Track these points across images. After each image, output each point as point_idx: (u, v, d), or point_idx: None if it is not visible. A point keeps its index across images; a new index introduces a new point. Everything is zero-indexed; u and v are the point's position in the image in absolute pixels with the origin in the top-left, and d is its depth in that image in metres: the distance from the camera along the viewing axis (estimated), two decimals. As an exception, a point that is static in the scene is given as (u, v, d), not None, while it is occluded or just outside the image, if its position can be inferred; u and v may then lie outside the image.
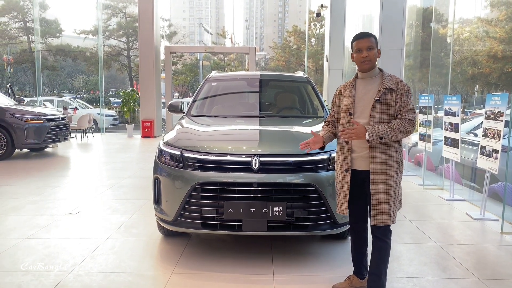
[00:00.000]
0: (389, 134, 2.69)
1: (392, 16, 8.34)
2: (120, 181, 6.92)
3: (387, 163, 2.76)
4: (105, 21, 32.49)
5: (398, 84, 2.80)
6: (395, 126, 2.70)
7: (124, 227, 4.52)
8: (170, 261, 3.62)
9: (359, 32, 2.93)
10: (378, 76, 2.87)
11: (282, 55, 34.07)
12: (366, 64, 2.82)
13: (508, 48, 27.44)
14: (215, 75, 5.33)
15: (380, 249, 2.84)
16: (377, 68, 2.89)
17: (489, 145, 4.98)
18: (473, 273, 3.46)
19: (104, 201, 5.61)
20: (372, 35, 2.87)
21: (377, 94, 2.78)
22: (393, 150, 2.79)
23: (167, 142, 3.73)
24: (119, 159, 9.47)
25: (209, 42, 43.31)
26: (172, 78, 16.01)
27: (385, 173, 2.76)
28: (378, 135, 2.67)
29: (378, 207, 2.76)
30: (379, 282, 2.84)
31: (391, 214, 2.77)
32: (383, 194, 2.76)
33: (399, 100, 2.77)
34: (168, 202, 3.49)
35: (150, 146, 12.03)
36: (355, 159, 2.87)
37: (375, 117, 2.77)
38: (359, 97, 2.88)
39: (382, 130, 2.68)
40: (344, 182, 2.90)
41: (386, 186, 2.76)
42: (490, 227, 4.73)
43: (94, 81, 42.13)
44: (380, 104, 2.78)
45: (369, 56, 2.80)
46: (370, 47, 2.80)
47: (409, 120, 2.73)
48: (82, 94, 42.39)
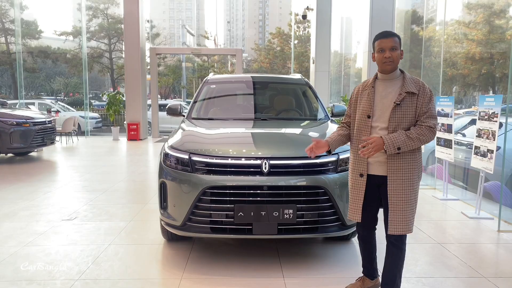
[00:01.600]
0: (407, 144, 2.60)
1: (381, 19, 8.45)
2: (113, 185, 6.81)
3: (406, 170, 2.68)
4: (86, 23, 31.98)
5: (420, 88, 2.68)
6: (414, 135, 2.60)
7: (125, 233, 4.45)
8: (177, 266, 3.58)
9: (383, 30, 2.80)
10: (399, 78, 2.75)
11: (266, 57, 34.16)
12: (388, 65, 2.70)
13: (485, 49, 28.16)
14: (213, 78, 5.30)
15: (394, 255, 2.81)
16: (398, 70, 2.77)
17: (484, 146, 5.09)
18: (478, 271, 3.52)
19: (99, 206, 5.51)
20: (396, 35, 2.72)
21: (398, 98, 2.66)
22: (413, 157, 2.69)
23: (173, 146, 3.68)
24: (108, 162, 9.32)
25: (192, 43, 43.15)
26: (157, 80, 15.85)
27: (403, 180, 2.67)
28: (396, 146, 2.58)
29: (395, 216, 2.69)
30: (393, 285, 2.83)
31: (409, 223, 2.69)
32: (401, 202, 2.68)
33: (420, 105, 2.65)
34: (176, 207, 3.44)
35: (137, 149, 11.88)
36: (371, 164, 2.78)
37: (394, 122, 2.67)
38: (378, 100, 2.76)
39: (399, 140, 2.59)
40: (359, 187, 2.81)
41: (404, 194, 2.68)
42: (487, 226, 4.83)
43: (74, 83, 41.42)
44: (400, 108, 2.66)
45: (392, 57, 2.67)
46: (394, 47, 2.67)
47: (429, 127, 2.63)
48: (61, 96, 41.58)
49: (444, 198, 6.10)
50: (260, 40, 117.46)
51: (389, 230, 2.73)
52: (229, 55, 42.94)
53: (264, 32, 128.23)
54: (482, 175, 5.19)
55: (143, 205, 5.54)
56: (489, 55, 27.89)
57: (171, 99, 35.66)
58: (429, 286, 3.24)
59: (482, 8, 27.83)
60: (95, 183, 7.01)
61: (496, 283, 3.30)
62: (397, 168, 2.68)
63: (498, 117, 4.87)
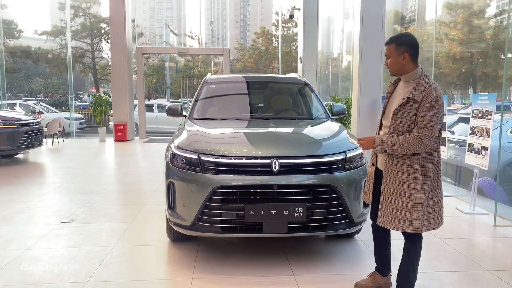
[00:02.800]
0: (393, 148, 2.69)
1: (371, 18, 8.55)
2: (107, 186, 6.74)
3: (400, 171, 2.73)
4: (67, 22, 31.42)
5: (423, 96, 2.65)
6: (400, 141, 2.66)
7: (128, 234, 4.41)
8: (186, 266, 3.58)
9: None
10: (414, 82, 2.76)
11: (251, 57, 34.18)
12: (389, 72, 2.86)
13: (466, 49, 28.80)
14: (212, 78, 5.30)
15: (407, 249, 2.91)
16: (416, 73, 2.76)
17: (478, 143, 5.23)
18: (481, 265, 3.62)
19: (97, 208, 5.45)
20: (391, 42, 2.78)
21: (400, 102, 2.74)
22: (413, 161, 2.70)
23: (180, 146, 3.67)
24: (99, 164, 9.21)
25: (175, 43, 42.85)
26: (144, 80, 15.71)
27: (395, 181, 2.76)
28: (382, 148, 2.75)
29: (383, 209, 2.83)
30: (407, 279, 2.91)
31: (400, 221, 2.75)
32: (390, 199, 2.79)
33: (420, 113, 2.66)
34: (185, 207, 3.44)
35: (126, 150, 11.76)
36: (379, 157, 2.97)
37: (394, 125, 2.77)
38: (392, 99, 2.90)
39: (386, 143, 2.72)
40: (370, 174, 3.04)
41: (395, 192, 2.76)
42: (483, 221, 4.96)
43: (54, 84, 40.63)
44: (401, 113, 2.73)
45: (388, 65, 2.82)
46: (387, 55, 2.82)
47: (417, 137, 2.62)
48: (41, 97, 40.74)
49: (437, 195, 6.21)
50: (242, 39, 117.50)
51: (377, 220, 2.89)
52: (212, 55, 42.98)
53: (246, 32, 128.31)
54: (476, 171, 5.32)
55: (142, 206, 5.50)
56: (469, 54, 28.53)
57: (153, 99, 35.35)
58: (437, 281, 3.32)
59: (462, 8, 28.43)
60: (89, 184, 6.92)
61: (499, 276, 3.41)
62: (391, 167, 2.80)
63: (492, 115, 5.01)
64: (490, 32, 28.67)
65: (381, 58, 8.95)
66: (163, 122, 19.75)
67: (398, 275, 2.96)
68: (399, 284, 2.95)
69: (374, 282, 3.16)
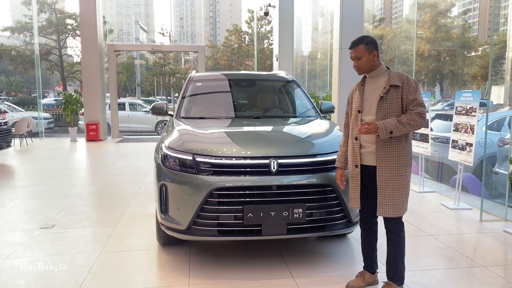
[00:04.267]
0: (399, 128, 2.80)
1: (351, 16, 8.59)
2: (85, 189, 6.46)
3: (393, 158, 2.87)
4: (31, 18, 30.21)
5: (404, 81, 2.88)
6: (405, 120, 2.80)
7: (114, 239, 4.22)
8: (180, 272, 3.43)
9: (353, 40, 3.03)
10: (385, 74, 2.96)
11: (224, 54, 33.88)
12: (358, 71, 3.01)
13: (433, 47, 29.60)
14: (198, 75, 5.14)
15: (394, 242, 2.98)
16: (383, 67, 2.99)
17: (462, 139, 5.30)
18: (476, 261, 3.65)
19: (77, 212, 5.20)
20: (361, 42, 2.95)
21: (382, 91, 2.90)
22: (399, 145, 2.88)
23: (171, 146, 3.51)
24: (73, 165, 8.86)
25: (145, 40, 41.99)
26: (116, 78, 15.25)
27: (391, 168, 2.87)
28: (388, 130, 2.79)
29: (384, 200, 2.88)
30: (397, 271, 2.98)
31: (397, 207, 2.87)
32: (389, 188, 2.87)
33: (406, 95, 2.86)
34: (180, 210, 3.29)
35: (99, 150, 11.39)
36: (364, 155, 2.98)
37: (381, 113, 2.89)
38: (366, 96, 3.00)
39: (391, 124, 2.79)
40: (355, 177, 3.01)
41: (392, 180, 2.87)
42: (468, 216, 5.03)
43: (17, 82, 39.11)
44: (386, 100, 2.88)
45: (358, 65, 2.96)
46: (357, 57, 2.94)
47: (419, 113, 2.81)
48: (3, 95, 39.10)
49: (421, 191, 6.30)
50: (212, 37, 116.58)
51: (378, 211, 2.91)
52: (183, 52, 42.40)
53: (216, 29, 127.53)
54: (461, 167, 5.40)
55: (124, 209, 5.29)
56: (436, 52, 29.33)
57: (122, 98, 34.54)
58: (436, 279, 3.31)
59: (429, 7, 29.18)
60: (65, 187, 6.62)
61: (495, 271, 3.44)
62: (385, 156, 2.88)
63: (476, 112, 5.09)
64: (456, 31, 29.57)
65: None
66: (135, 121, 19.32)
67: (389, 268, 3.01)
68: (391, 277, 3.01)
69: (364, 281, 3.16)
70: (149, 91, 38.41)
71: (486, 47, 38.23)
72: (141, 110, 20.08)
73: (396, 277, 2.97)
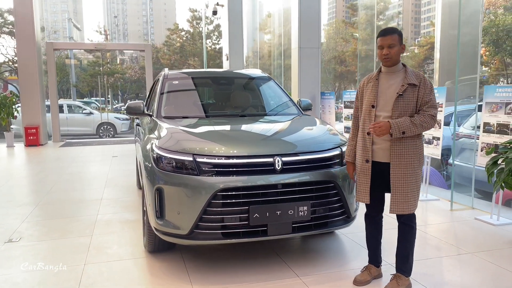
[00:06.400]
0: (411, 129, 2.81)
1: (308, 15, 8.72)
2: (42, 197, 5.96)
3: (407, 156, 2.87)
4: None
5: (421, 80, 2.89)
6: (418, 121, 2.82)
7: (94, 249, 3.92)
8: (180, 278, 3.26)
9: (385, 28, 2.99)
10: (401, 71, 2.95)
11: (166, 53, 33.06)
12: (387, 61, 2.91)
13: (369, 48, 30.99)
14: (172, 73, 4.92)
15: (406, 233, 3.01)
16: (400, 64, 2.97)
17: (429, 133, 5.57)
18: (462, 248, 3.83)
19: (41, 222, 4.78)
20: (395, 32, 2.92)
21: (400, 89, 2.87)
22: (413, 143, 2.90)
23: (165, 147, 3.31)
24: (19, 173, 8.16)
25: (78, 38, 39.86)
26: (56, 78, 14.28)
27: (405, 166, 2.87)
28: (401, 130, 2.79)
29: (397, 197, 2.89)
30: (407, 263, 3.03)
31: (409, 204, 2.90)
32: (403, 186, 2.88)
33: (422, 95, 2.87)
34: (181, 214, 3.12)
35: (43, 155, 10.60)
36: (375, 151, 2.96)
37: (397, 111, 2.87)
38: (381, 91, 2.96)
39: (404, 124, 2.80)
40: (365, 172, 2.99)
41: (405, 178, 2.87)
42: (439, 207, 5.29)
43: None
44: (403, 99, 2.87)
45: (389, 54, 2.87)
46: (392, 44, 2.87)
47: (431, 115, 2.86)
48: None
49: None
50: (146, 36, 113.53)
51: (390, 209, 2.93)
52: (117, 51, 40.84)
53: (149, 27, 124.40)
54: (428, 160, 5.67)
55: (94, 217, 4.95)
56: (372, 53, 30.74)
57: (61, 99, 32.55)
58: (433, 268, 3.43)
59: (365, 9, 30.51)
60: (18, 196, 6.07)
61: (483, 257, 3.62)
62: (399, 154, 2.87)
63: (443, 107, 5.36)
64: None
65: (318, 54, 9.17)
66: (74, 124, 18.35)
67: (399, 261, 3.04)
68: (400, 269, 3.04)
69: (371, 275, 3.20)
70: (85, 92, 36.52)
71: (412, 48, 40.85)
72: (80, 112, 19.10)
73: (406, 269, 3.02)
